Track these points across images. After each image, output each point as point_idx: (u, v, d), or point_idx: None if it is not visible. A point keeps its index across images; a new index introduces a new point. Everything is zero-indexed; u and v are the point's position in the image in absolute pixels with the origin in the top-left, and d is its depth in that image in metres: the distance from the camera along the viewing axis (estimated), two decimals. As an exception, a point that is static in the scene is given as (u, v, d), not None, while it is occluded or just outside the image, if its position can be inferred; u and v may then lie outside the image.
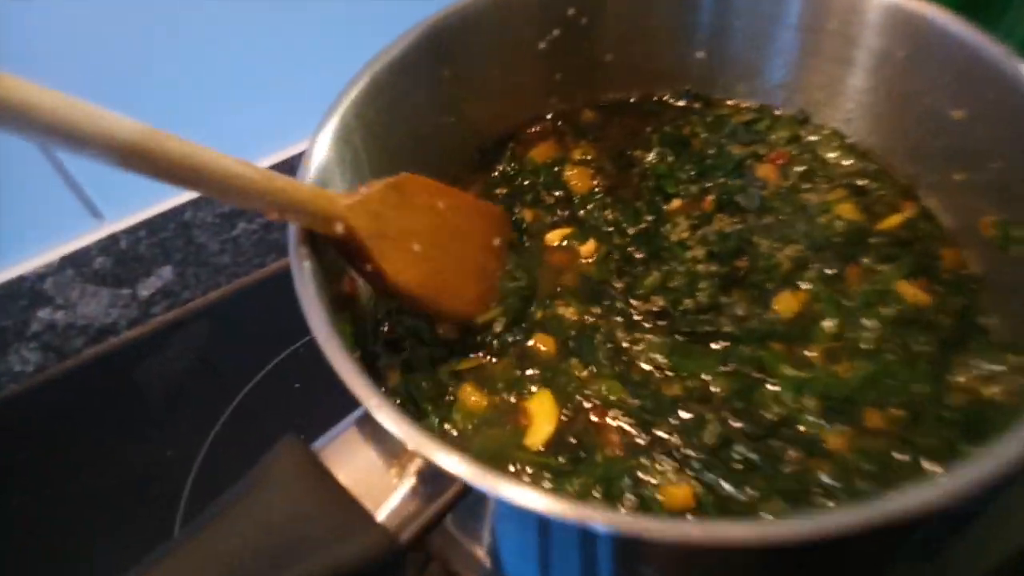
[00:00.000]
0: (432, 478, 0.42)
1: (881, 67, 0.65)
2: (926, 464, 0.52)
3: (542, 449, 0.56)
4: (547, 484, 0.54)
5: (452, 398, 0.59)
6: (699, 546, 0.37)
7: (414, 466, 0.43)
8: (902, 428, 0.55)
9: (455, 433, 0.58)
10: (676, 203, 0.69)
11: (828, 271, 0.63)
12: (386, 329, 0.64)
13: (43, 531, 0.74)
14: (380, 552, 0.38)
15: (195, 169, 0.42)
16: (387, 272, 0.54)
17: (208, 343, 0.85)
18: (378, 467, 0.42)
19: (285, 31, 0.89)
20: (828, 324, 0.61)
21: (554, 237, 0.68)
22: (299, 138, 0.99)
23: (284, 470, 0.40)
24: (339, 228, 0.50)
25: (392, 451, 0.44)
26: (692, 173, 0.70)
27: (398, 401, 0.59)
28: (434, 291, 0.58)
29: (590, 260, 0.67)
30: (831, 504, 0.51)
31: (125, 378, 0.83)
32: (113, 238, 0.94)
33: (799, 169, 0.70)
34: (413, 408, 0.59)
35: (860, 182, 0.69)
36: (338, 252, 0.53)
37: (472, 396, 0.60)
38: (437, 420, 0.58)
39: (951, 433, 0.53)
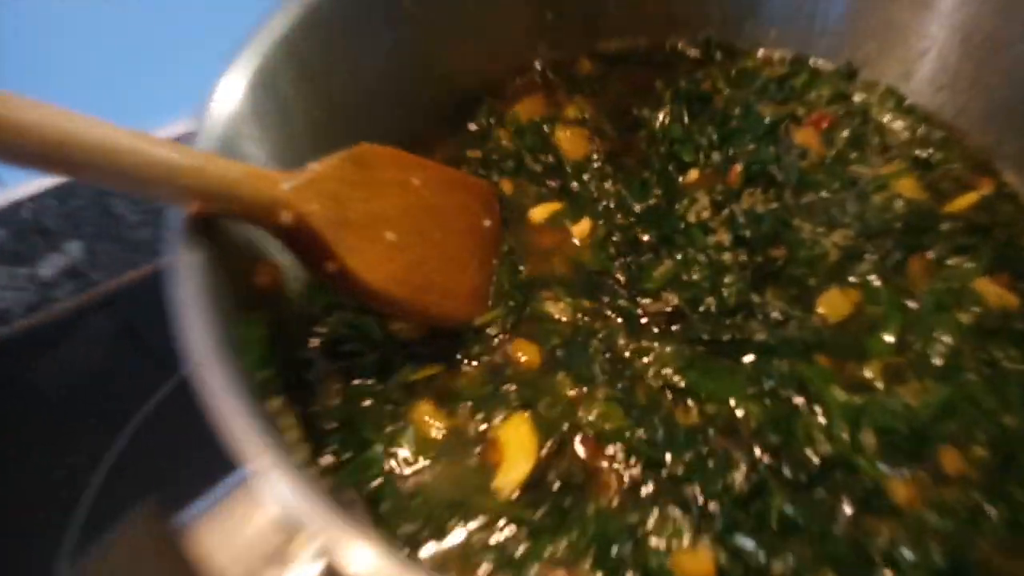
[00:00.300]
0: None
1: (962, 6, 0.51)
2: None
3: (515, 496, 0.44)
4: (521, 548, 0.41)
5: (403, 423, 0.47)
6: None
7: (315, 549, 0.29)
8: (991, 474, 0.44)
9: (406, 470, 0.46)
10: (694, 174, 0.57)
11: (886, 264, 0.52)
12: (325, 329, 0.51)
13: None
14: None
15: (63, 143, 0.34)
16: (355, 269, 0.44)
17: (119, 336, 0.73)
18: (264, 550, 0.29)
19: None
20: (888, 333, 0.49)
21: (540, 213, 0.57)
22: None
23: (131, 553, 0.27)
24: (285, 217, 0.42)
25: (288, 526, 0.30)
26: (714, 138, 0.59)
27: (334, 425, 0.47)
28: (418, 290, 0.48)
29: (584, 243, 0.55)
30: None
31: (18, 376, 0.71)
32: (15, 206, 0.79)
33: (846, 135, 0.59)
34: (351, 436, 0.46)
35: (922, 152, 0.58)
36: (289, 250, 0.44)
37: (429, 418, 0.48)
38: (381, 449, 0.46)
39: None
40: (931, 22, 0.55)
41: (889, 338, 0.48)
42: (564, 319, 0.51)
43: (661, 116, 0.61)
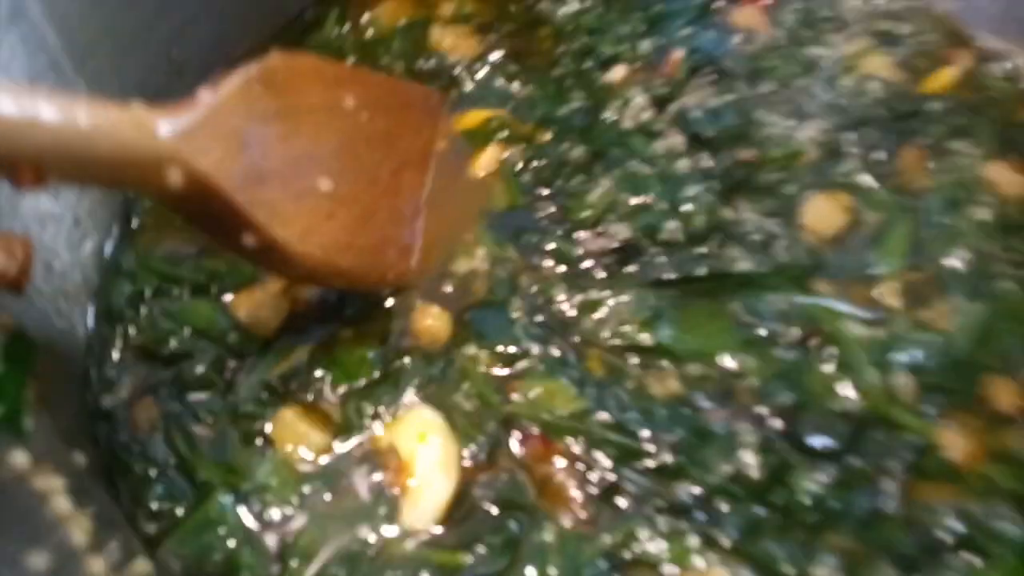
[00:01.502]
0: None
1: None
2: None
3: (438, 531, 0.31)
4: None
5: (257, 449, 0.32)
6: None
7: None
8: None
9: (275, 515, 0.32)
10: (620, 71, 0.45)
11: (875, 157, 0.42)
12: (134, 330, 0.38)
13: None
14: None
15: None
16: (283, 240, 0.32)
17: None
18: None
19: None
20: (896, 243, 0.39)
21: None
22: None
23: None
24: (173, 177, 0.29)
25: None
26: (641, 27, 0.44)
27: (154, 472, 0.33)
28: (371, 254, 0.37)
29: (493, 174, 0.41)
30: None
31: None
32: None
33: (794, 11, 0.47)
34: (180, 481, 0.31)
35: (885, 25, 0.48)
36: (187, 221, 0.32)
37: (294, 435, 0.34)
38: (232, 499, 0.32)
39: None
40: None
41: (899, 250, 0.38)
42: (482, 270, 0.37)
43: (567, 5, 0.47)
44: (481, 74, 0.46)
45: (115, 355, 0.37)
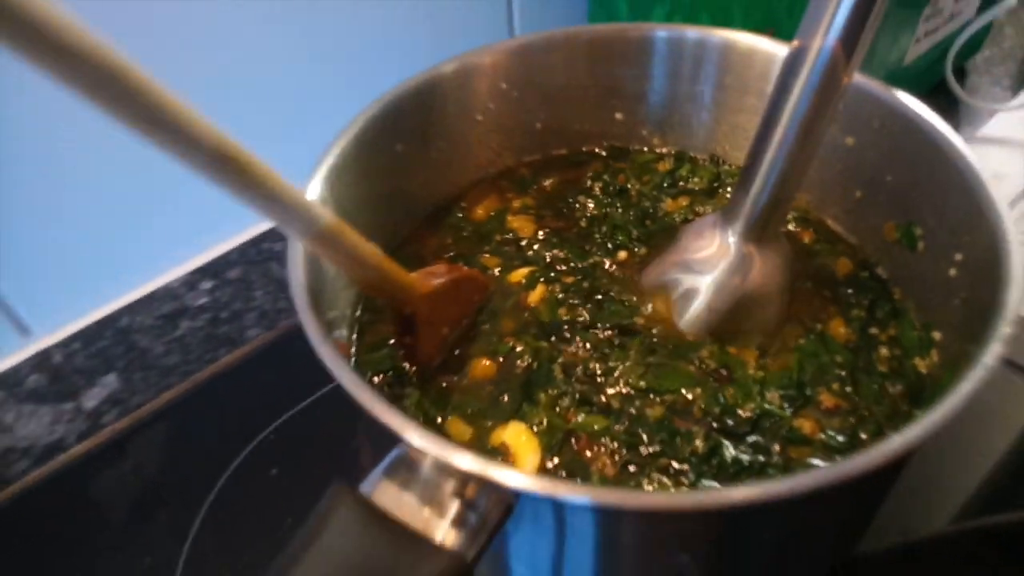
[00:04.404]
0: (477, 498, 0.44)
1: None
2: (889, 432, 0.59)
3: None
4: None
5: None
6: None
7: (454, 496, 0.45)
8: (849, 399, 0.60)
9: None
10: (623, 254, 0.73)
11: None
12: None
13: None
14: (452, 574, 0.40)
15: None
16: (421, 352, 0.60)
17: (168, 446, 0.82)
18: (424, 498, 0.44)
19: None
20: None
21: (516, 276, 0.72)
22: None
23: (341, 516, 0.41)
24: (408, 310, 0.57)
25: (430, 485, 0.45)
26: (634, 234, 0.75)
27: None
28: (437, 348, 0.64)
29: (539, 306, 0.69)
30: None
31: (79, 496, 0.78)
32: (45, 354, 0.90)
33: None
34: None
35: None
36: (391, 316, 0.60)
37: (459, 428, 0.61)
38: None
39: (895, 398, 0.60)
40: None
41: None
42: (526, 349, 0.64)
43: (591, 204, 0.76)
44: (537, 244, 0.74)
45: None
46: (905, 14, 0.94)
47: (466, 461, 0.43)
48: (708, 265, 0.62)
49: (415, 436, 0.44)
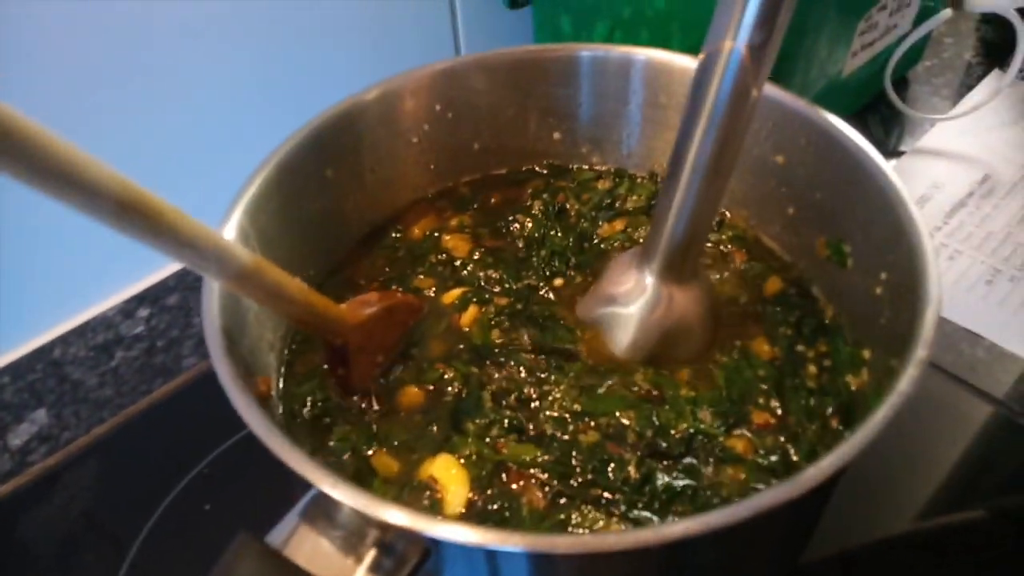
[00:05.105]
0: (395, 541, 0.43)
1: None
2: (820, 450, 0.59)
3: (463, 512, 0.56)
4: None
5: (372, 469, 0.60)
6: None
7: (371, 539, 0.44)
8: (778, 416, 0.60)
9: None
10: (559, 280, 0.73)
11: None
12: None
13: None
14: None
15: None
16: (354, 382, 0.60)
17: (99, 483, 0.80)
18: (335, 547, 0.43)
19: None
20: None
21: (449, 298, 0.71)
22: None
23: (247, 566, 0.40)
24: (339, 342, 0.57)
25: (346, 528, 0.44)
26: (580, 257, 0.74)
27: None
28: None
29: (472, 327, 0.69)
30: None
31: (5, 535, 0.76)
32: (-29, 390, 0.87)
33: None
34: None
35: None
36: (322, 347, 0.60)
37: (386, 462, 0.60)
38: None
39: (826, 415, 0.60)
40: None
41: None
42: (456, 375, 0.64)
43: (530, 224, 0.75)
44: (471, 264, 0.74)
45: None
46: (839, 28, 0.95)
47: (377, 510, 0.42)
48: (630, 300, 0.62)
49: (326, 485, 0.43)
